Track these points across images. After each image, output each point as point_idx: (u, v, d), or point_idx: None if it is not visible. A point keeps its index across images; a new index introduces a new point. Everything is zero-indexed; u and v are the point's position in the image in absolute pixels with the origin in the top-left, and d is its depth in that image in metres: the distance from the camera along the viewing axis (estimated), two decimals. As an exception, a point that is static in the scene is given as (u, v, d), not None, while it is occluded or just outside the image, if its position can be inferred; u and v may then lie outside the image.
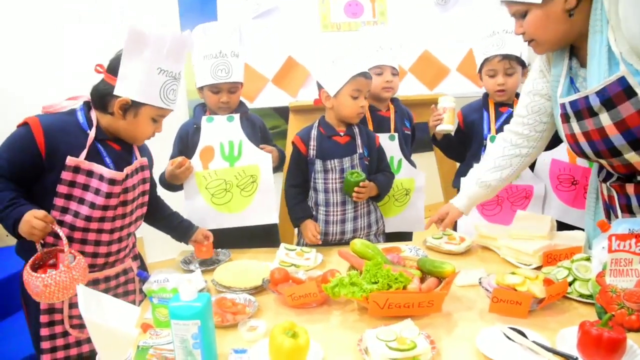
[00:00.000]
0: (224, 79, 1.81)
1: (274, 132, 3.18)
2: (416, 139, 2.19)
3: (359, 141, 1.86)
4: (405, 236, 2.10)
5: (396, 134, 2.01)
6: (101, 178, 1.36)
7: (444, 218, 1.66)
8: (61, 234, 1.24)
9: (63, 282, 1.20)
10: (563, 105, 1.30)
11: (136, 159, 1.49)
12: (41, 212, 1.24)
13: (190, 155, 1.83)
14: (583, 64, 1.28)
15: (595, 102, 1.19)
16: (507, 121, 1.87)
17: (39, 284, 1.19)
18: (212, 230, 1.75)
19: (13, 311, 2.30)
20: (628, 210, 1.35)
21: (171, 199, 1.81)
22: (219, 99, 1.85)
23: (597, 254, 1.19)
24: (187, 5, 2.85)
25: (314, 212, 1.88)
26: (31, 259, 1.26)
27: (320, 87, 1.83)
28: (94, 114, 1.40)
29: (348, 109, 1.79)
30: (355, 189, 1.78)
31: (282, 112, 3.05)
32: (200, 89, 1.89)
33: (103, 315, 1.06)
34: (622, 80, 1.13)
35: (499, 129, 1.89)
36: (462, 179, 1.71)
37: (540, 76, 1.44)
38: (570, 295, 1.32)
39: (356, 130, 1.87)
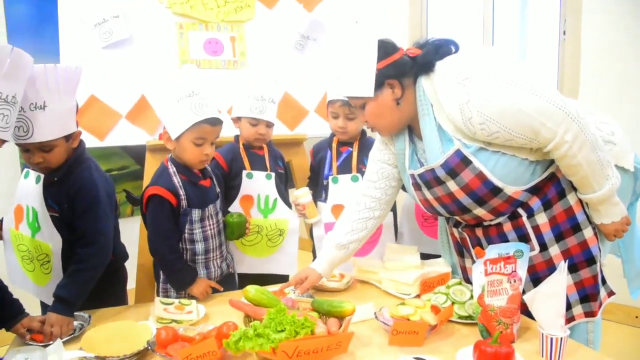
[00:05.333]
0: (22, 139, 1.41)
1: (123, 173, 2.88)
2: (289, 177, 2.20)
3: (215, 181, 1.78)
4: (281, 277, 2.06)
5: (273, 173, 1.99)
6: None
7: (303, 280, 1.63)
8: None
9: None
10: (413, 176, 1.48)
11: None
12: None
13: None
14: (420, 138, 1.47)
15: (441, 173, 1.38)
16: (345, 160, 2.03)
17: None
18: None
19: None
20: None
21: None
22: (28, 158, 1.49)
23: (476, 278, 1.32)
24: (17, 26, 2.36)
25: (190, 264, 1.70)
26: None
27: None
28: None
29: (190, 155, 1.62)
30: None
31: (131, 151, 2.78)
32: None
33: None
34: (458, 152, 1.34)
35: (339, 168, 2.02)
36: (323, 242, 1.71)
37: (385, 147, 1.60)
38: (451, 318, 1.43)
39: (208, 172, 1.77)
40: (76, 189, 1.53)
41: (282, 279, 1.99)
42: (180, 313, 1.49)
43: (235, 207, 1.97)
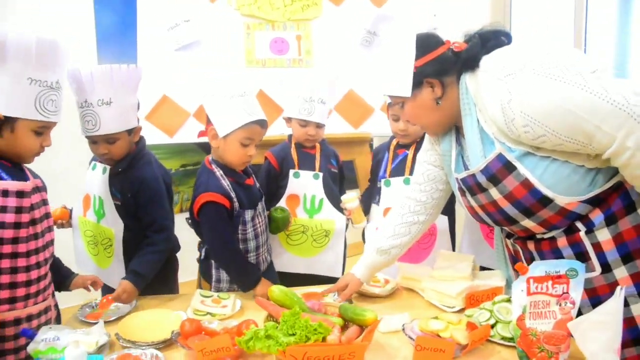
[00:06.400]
0: (91, 132, 1.58)
1: (197, 169, 3.04)
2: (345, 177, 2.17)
3: (254, 178, 1.80)
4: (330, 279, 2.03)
5: (320, 174, 1.97)
6: (5, 194, 1.24)
7: (344, 288, 1.56)
8: None
9: None
10: (457, 180, 1.36)
11: (29, 179, 1.35)
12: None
13: None
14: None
15: (482, 179, 1.25)
16: (400, 163, 1.94)
17: None
18: None
19: None
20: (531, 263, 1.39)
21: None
22: (95, 150, 1.66)
23: (517, 297, 1.19)
24: (106, 35, 2.62)
25: None
26: None
27: (209, 121, 1.62)
28: None
29: (234, 156, 1.61)
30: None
31: (206, 148, 2.92)
32: None
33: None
34: (500, 157, 1.20)
35: (393, 171, 1.95)
36: (365, 246, 1.64)
37: (431, 148, 1.51)
38: (493, 338, 1.30)
39: (249, 170, 1.78)
40: (140, 180, 1.68)
41: (331, 280, 1.96)
42: (215, 306, 1.53)
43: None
